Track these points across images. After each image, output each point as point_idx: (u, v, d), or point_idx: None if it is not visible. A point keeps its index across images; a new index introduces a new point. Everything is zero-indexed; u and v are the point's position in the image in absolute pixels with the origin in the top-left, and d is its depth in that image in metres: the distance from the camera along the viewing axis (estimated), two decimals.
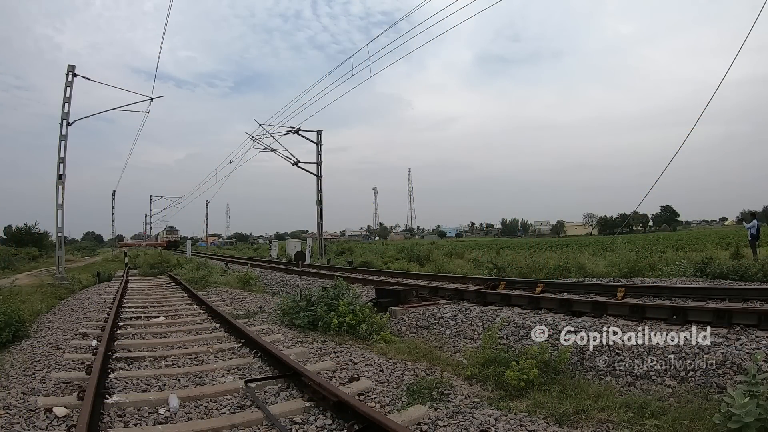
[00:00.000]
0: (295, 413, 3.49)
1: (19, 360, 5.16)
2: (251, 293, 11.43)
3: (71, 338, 6.26)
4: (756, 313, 4.18)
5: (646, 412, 3.30)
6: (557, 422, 3.27)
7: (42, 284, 13.54)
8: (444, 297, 7.55)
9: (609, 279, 9.70)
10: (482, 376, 4.20)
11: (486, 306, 6.51)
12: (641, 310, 4.95)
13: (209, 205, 50.97)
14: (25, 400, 3.79)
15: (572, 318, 5.29)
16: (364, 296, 7.97)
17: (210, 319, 7.71)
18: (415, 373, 4.54)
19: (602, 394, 3.68)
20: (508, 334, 5.31)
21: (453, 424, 3.29)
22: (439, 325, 6.22)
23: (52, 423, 3.36)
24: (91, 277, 18.03)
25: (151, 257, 23.50)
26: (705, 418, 3.07)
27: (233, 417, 3.42)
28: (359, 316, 6.33)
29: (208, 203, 50.60)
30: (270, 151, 19.36)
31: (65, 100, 16.02)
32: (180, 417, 3.49)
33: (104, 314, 8.15)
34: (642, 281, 8.82)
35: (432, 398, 3.75)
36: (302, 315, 6.83)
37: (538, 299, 6.04)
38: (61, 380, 4.29)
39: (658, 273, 10.13)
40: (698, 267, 9.39)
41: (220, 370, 4.67)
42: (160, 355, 5.32)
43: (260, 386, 4.11)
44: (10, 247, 36.59)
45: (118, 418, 3.46)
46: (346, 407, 3.33)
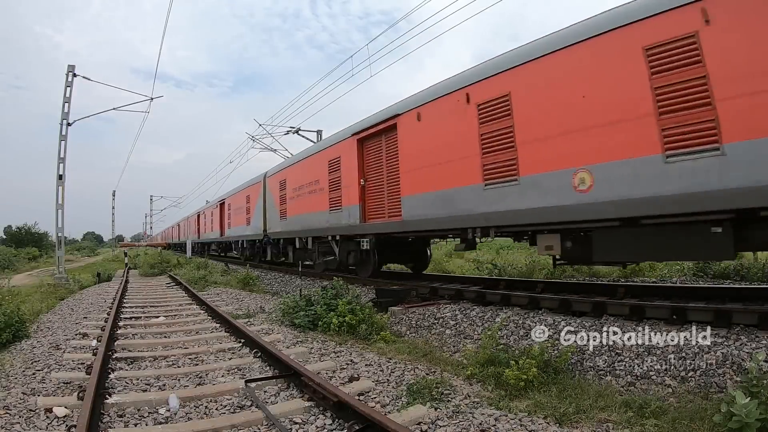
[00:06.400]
0: (295, 413, 3.49)
1: (19, 360, 5.16)
2: (251, 293, 11.43)
3: (71, 338, 6.26)
4: (756, 313, 4.18)
5: (646, 411, 3.30)
6: (557, 422, 3.27)
7: (42, 284, 13.53)
8: (444, 297, 7.54)
9: (609, 279, 9.70)
10: (482, 376, 4.20)
11: (486, 306, 6.50)
12: (641, 310, 4.94)
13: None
14: (25, 400, 3.80)
15: (572, 318, 5.29)
16: (364, 296, 7.97)
17: (210, 319, 7.71)
18: (415, 373, 4.54)
19: (602, 393, 3.68)
20: (508, 334, 5.31)
21: (453, 423, 3.29)
22: (439, 325, 6.21)
23: (52, 423, 3.36)
24: (91, 277, 18.00)
25: (151, 257, 23.48)
26: (705, 418, 3.06)
27: (233, 417, 3.42)
28: (359, 315, 6.34)
29: (208, 203, 50.47)
30: (270, 151, 19.34)
31: (65, 100, 16.01)
32: (180, 417, 3.50)
33: (104, 314, 8.15)
34: (642, 281, 8.82)
35: (432, 398, 3.75)
36: (302, 315, 6.83)
37: (538, 299, 6.03)
38: (61, 380, 4.30)
39: (658, 273, 10.13)
40: (698, 267, 9.39)
41: (220, 370, 4.68)
42: (160, 355, 5.32)
43: (260, 386, 4.11)
44: (9, 248, 36.63)
45: (118, 418, 3.47)
46: (346, 407, 3.33)
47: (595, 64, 5.02)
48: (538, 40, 5.76)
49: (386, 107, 8.67)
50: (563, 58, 5.32)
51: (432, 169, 7.26)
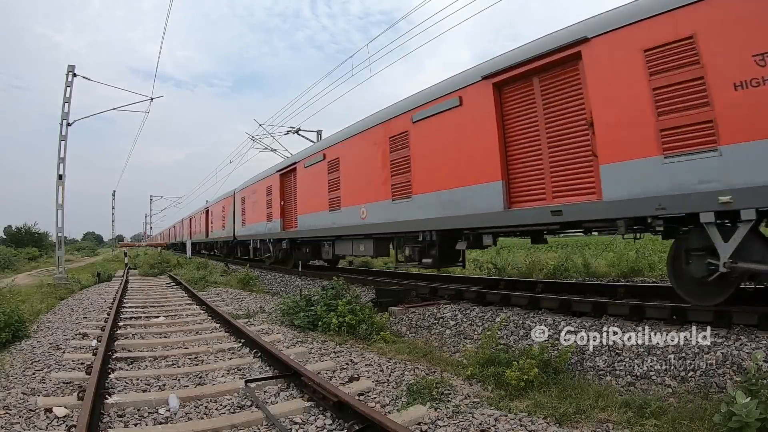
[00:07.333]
0: (295, 413, 3.49)
1: (19, 360, 5.16)
2: (251, 293, 11.43)
3: (71, 338, 6.26)
4: (756, 314, 4.18)
5: (646, 412, 3.30)
6: (557, 422, 3.27)
7: (42, 284, 13.52)
8: (444, 297, 7.54)
9: (609, 279, 9.71)
10: (482, 376, 4.20)
11: (486, 306, 6.50)
12: (641, 310, 4.94)
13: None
14: (25, 400, 3.79)
15: (572, 318, 5.29)
16: (364, 296, 7.97)
17: (210, 319, 7.71)
18: (415, 373, 4.54)
19: (602, 394, 3.68)
20: (508, 334, 5.31)
21: (453, 423, 3.29)
22: (439, 325, 6.21)
23: (52, 423, 3.36)
24: (91, 277, 18.00)
25: (151, 257, 23.48)
26: (705, 418, 3.06)
27: (233, 417, 3.42)
28: (359, 316, 6.33)
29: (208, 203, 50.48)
30: (270, 151, 19.36)
31: (65, 100, 16.01)
32: (180, 417, 3.50)
33: (104, 314, 8.15)
34: (642, 281, 8.82)
35: (432, 398, 3.75)
36: (302, 315, 6.83)
37: (538, 299, 6.03)
38: (61, 380, 4.30)
39: (658, 273, 10.13)
40: None
41: (220, 370, 4.68)
42: (160, 355, 5.32)
43: (260, 386, 4.11)
44: (9, 248, 36.61)
45: (118, 418, 3.47)
46: (346, 407, 3.33)
47: (365, 146, 8.99)
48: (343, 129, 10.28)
49: (286, 159, 14.49)
50: (355, 140, 9.47)
51: (300, 201, 12.33)
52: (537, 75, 5.76)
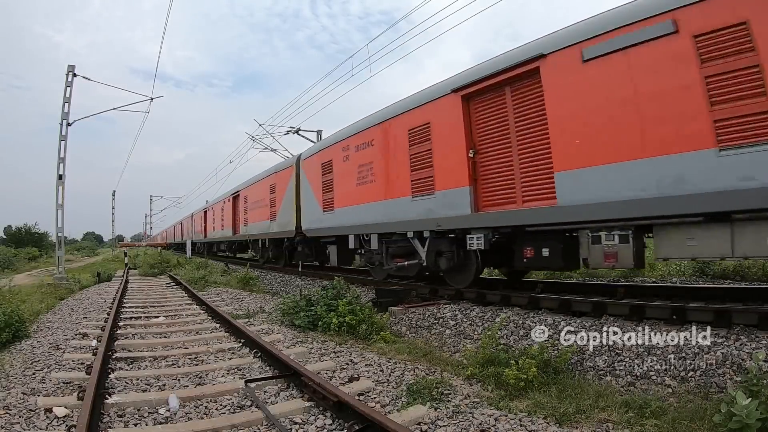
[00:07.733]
0: (295, 413, 3.49)
1: (19, 360, 5.16)
2: (251, 293, 11.43)
3: (71, 338, 6.26)
4: (756, 313, 4.18)
5: (646, 412, 3.30)
6: (557, 422, 3.27)
7: (42, 284, 13.52)
8: (444, 297, 7.54)
9: (609, 279, 9.70)
10: (482, 376, 4.20)
11: (486, 306, 6.50)
12: (641, 310, 4.94)
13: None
14: (25, 400, 3.79)
15: (572, 318, 5.29)
16: (364, 296, 7.97)
17: (210, 319, 7.71)
18: (415, 373, 4.54)
19: (602, 393, 3.68)
20: (508, 334, 5.31)
21: (453, 423, 3.29)
22: (439, 325, 6.22)
23: (52, 423, 3.36)
24: (91, 277, 18.00)
25: (151, 257, 23.48)
26: (705, 418, 3.06)
27: (233, 417, 3.42)
28: (359, 316, 6.33)
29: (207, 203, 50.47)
30: (270, 151, 19.35)
31: (65, 101, 16.01)
32: (180, 417, 3.50)
33: (104, 314, 8.15)
34: (642, 281, 8.82)
35: (432, 398, 3.75)
36: (302, 315, 6.83)
37: (538, 299, 6.03)
38: (61, 380, 4.29)
39: (658, 273, 10.12)
40: (698, 267, 9.38)
41: (220, 370, 4.68)
42: (160, 355, 5.32)
43: (260, 386, 4.11)
44: (9, 248, 36.62)
45: (118, 418, 3.47)
46: (346, 407, 3.33)
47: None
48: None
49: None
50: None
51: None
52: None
